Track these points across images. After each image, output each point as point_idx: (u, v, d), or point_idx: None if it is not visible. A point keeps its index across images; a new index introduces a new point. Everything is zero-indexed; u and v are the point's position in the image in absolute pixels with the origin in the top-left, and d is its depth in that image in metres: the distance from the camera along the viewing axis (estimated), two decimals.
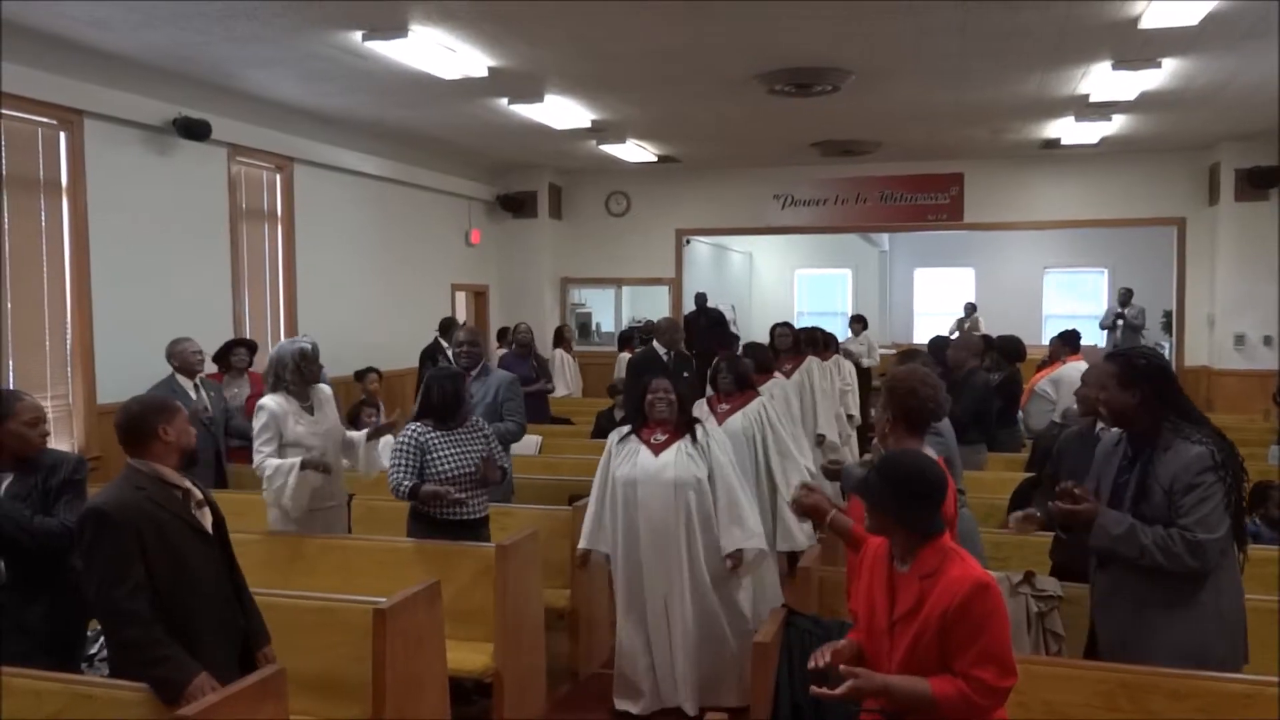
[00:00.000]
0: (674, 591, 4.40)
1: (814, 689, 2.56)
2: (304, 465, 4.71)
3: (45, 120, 6.46)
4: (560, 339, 11.43)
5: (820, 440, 7.59)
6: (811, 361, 7.91)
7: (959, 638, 2.48)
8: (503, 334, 11.02)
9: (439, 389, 4.72)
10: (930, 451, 3.30)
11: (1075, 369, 6.76)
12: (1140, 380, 3.08)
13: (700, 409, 5.38)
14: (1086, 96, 8.30)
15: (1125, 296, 13.47)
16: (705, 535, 4.42)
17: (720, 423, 5.35)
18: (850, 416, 8.68)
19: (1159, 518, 3.00)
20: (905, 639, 2.58)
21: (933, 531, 2.64)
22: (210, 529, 3.12)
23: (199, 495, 3.13)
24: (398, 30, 6.18)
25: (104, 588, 2.87)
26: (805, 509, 3.48)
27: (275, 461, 4.70)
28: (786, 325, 8.02)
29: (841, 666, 2.56)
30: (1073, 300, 18.00)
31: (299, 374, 4.82)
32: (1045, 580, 3.87)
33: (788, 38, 6.56)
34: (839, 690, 2.49)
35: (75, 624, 3.38)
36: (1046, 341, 10.68)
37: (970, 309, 16.21)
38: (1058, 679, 3.00)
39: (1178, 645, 2.99)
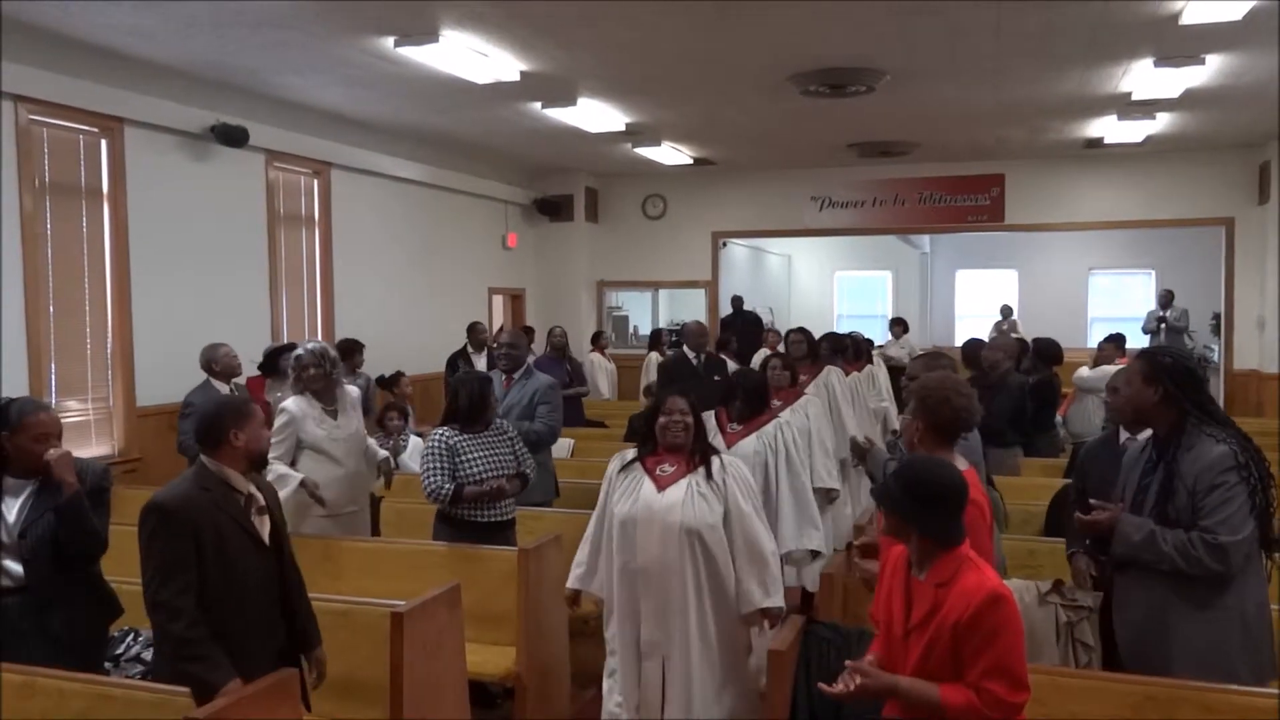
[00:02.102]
0: (675, 657, 3.61)
1: (822, 686, 2.54)
2: (303, 484, 4.70)
3: (86, 128, 6.59)
4: (595, 342, 11.39)
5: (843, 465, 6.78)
6: (831, 373, 7.03)
7: (970, 649, 2.46)
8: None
9: (466, 392, 4.72)
10: (961, 460, 3.25)
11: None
12: (1163, 377, 3.06)
13: (707, 423, 4.71)
14: (1129, 94, 8.14)
15: (1166, 299, 13.26)
16: (716, 594, 3.63)
17: (730, 445, 4.89)
18: (893, 432, 8.18)
19: (1183, 518, 2.95)
20: (918, 647, 2.55)
21: (950, 540, 2.59)
22: (267, 537, 3.14)
23: (261, 501, 3.16)
24: (429, 35, 6.22)
25: (155, 582, 2.93)
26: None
27: (281, 469, 4.70)
28: (801, 331, 7.25)
29: (849, 663, 2.53)
30: (1119, 303, 17.66)
31: (297, 379, 4.87)
32: (1075, 589, 3.78)
33: (820, 38, 6.50)
34: (845, 689, 2.47)
35: (95, 628, 3.42)
36: (1091, 344, 10.52)
37: (1007, 311, 16.00)
38: (1083, 690, 2.93)
39: (1197, 651, 2.93)
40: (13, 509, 3.30)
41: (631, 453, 3.83)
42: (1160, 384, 3.06)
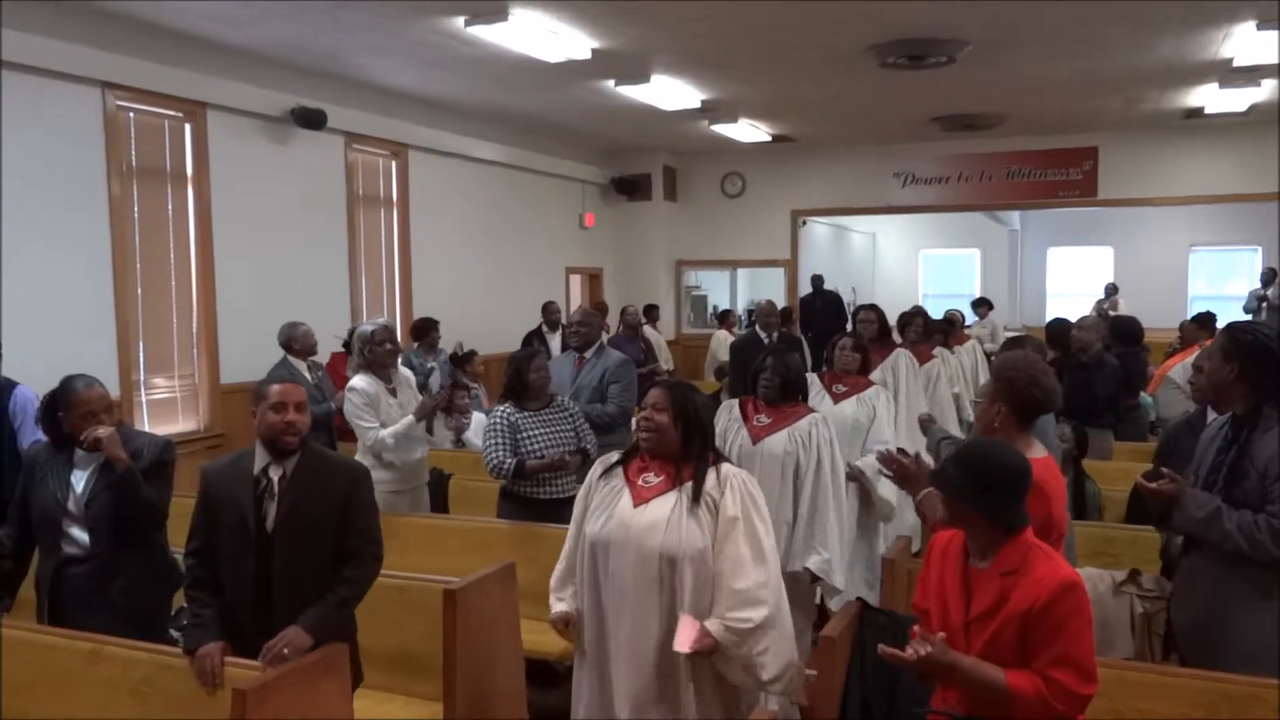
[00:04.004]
0: (640, 704, 2.86)
1: (881, 647, 2.46)
2: (418, 416, 4.94)
3: (171, 113, 6.78)
4: (723, 320, 11.29)
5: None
6: (900, 356, 6.29)
7: (1039, 636, 2.36)
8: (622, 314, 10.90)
9: (513, 368, 4.75)
10: (1039, 448, 3.11)
11: None
12: (1241, 354, 2.93)
13: (729, 413, 4.30)
14: (1230, 60, 7.72)
15: (1269, 276, 12.66)
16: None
17: (755, 441, 4.17)
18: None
19: (1252, 502, 2.83)
20: (981, 639, 2.45)
21: (1015, 525, 2.49)
22: (272, 522, 3.01)
23: (275, 487, 3.06)
24: (498, 14, 6.22)
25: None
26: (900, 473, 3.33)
27: (390, 429, 4.86)
28: (872, 309, 6.67)
29: (918, 629, 2.44)
30: (1221, 281, 16.88)
31: (362, 355, 4.96)
32: (1152, 580, 3.62)
33: (899, 7, 6.30)
34: (909, 654, 2.38)
35: (155, 597, 3.52)
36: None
37: (1111, 290, 15.45)
38: (1154, 686, 2.78)
39: (1258, 642, 2.80)
40: (80, 480, 3.43)
41: (617, 456, 3.11)
42: (1237, 360, 2.94)
